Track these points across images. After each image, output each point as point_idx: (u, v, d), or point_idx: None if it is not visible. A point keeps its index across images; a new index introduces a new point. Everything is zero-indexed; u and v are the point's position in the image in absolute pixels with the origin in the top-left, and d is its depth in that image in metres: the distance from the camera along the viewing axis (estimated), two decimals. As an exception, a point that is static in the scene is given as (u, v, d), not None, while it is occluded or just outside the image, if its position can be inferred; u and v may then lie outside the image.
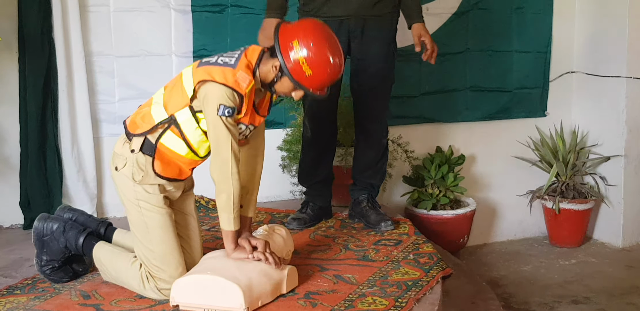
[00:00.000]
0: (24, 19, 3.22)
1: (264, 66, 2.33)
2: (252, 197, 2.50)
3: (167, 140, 2.34)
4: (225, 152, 2.26)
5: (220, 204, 2.31)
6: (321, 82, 2.33)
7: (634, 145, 4.19)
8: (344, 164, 3.50)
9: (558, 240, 4.31)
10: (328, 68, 2.30)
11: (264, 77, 2.35)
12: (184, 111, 2.30)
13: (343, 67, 2.37)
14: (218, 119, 2.23)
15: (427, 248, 2.91)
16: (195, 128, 2.31)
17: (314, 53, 2.26)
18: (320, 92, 2.36)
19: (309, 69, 2.27)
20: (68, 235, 2.49)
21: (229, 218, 2.31)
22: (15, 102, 3.28)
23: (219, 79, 2.23)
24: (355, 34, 3.01)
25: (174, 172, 2.39)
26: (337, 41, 2.36)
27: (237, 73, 2.25)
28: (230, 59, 2.29)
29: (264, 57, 2.34)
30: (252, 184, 2.50)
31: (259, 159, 2.53)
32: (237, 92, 2.24)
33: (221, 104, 2.22)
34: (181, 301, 2.26)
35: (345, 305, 2.30)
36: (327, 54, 2.29)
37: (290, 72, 2.27)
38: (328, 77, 2.33)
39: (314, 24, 2.36)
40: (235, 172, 2.28)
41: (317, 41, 2.28)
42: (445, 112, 4.14)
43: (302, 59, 2.26)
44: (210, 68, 2.27)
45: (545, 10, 4.27)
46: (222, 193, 2.29)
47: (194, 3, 3.50)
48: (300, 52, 2.26)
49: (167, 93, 2.37)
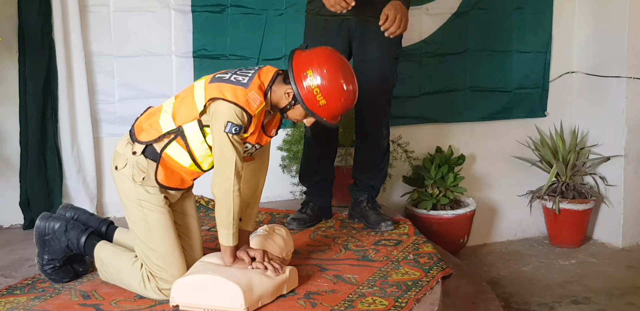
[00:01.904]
0: (24, 19, 3.22)
1: (277, 90, 2.33)
2: (252, 211, 2.50)
3: (172, 151, 2.34)
4: (228, 169, 2.26)
5: (220, 220, 2.31)
6: (335, 111, 2.35)
7: (634, 145, 4.19)
8: (344, 164, 3.50)
9: (558, 240, 4.31)
10: (342, 98, 2.32)
11: (276, 101, 2.35)
12: (192, 124, 2.31)
13: (357, 95, 2.38)
14: (224, 136, 2.23)
15: (427, 248, 2.91)
16: (201, 142, 2.32)
17: (328, 82, 2.28)
18: (333, 121, 2.38)
19: (322, 99, 2.29)
20: (70, 235, 2.49)
21: (227, 233, 2.32)
22: (15, 102, 3.27)
23: (230, 97, 2.24)
24: (355, 34, 3.01)
25: (176, 182, 2.40)
26: (351, 69, 2.38)
27: (249, 93, 2.26)
28: (243, 78, 2.29)
29: (277, 80, 2.34)
30: (254, 198, 2.50)
31: (262, 174, 2.53)
32: (247, 112, 2.25)
33: (229, 121, 2.22)
34: (181, 302, 2.26)
35: (345, 305, 2.30)
36: (341, 83, 2.30)
37: (304, 101, 2.29)
38: (342, 107, 2.34)
39: (327, 53, 2.37)
40: (237, 189, 2.28)
41: (331, 71, 2.30)
42: (445, 112, 4.14)
43: (316, 89, 2.27)
44: (222, 86, 2.27)
45: (545, 10, 4.27)
46: (222, 208, 2.30)
47: (194, 3, 3.50)
48: (314, 81, 2.28)
49: (177, 104, 2.37)
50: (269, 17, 3.59)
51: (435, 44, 3.97)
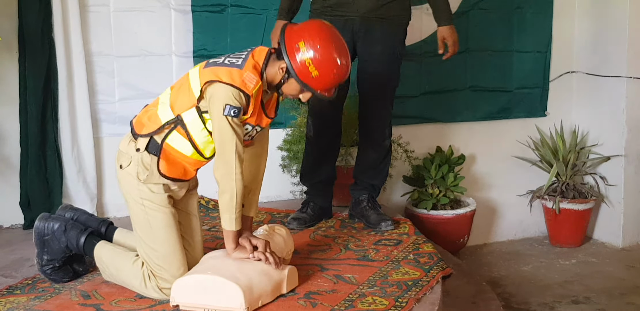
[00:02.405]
0: (24, 19, 3.22)
1: (271, 68, 2.33)
2: (254, 197, 2.50)
3: (173, 140, 2.34)
4: (229, 152, 2.26)
5: (223, 204, 2.31)
6: (328, 83, 2.33)
7: (634, 145, 4.19)
8: (344, 164, 3.50)
9: (558, 240, 4.31)
10: (334, 69, 2.31)
11: (271, 78, 2.35)
12: (191, 111, 2.30)
13: (349, 67, 2.38)
14: (224, 119, 2.23)
15: (427, 248, 2.91)
16: (201, 129, 2.32)
17: (320, 54, 2.27)
18: (327, 94, 2.37)
19: (315, 70, 2.28)
20: (69, 235, 2.49)
21: (230, 218, 2.31)
22: (15, 102, 3.27)
23: (225, 79, 2.23)
24: (359, 34, 3.01)
25: (179, 172, 2.39)
26: (344, 42, 2.37)
27: (244, 74, 2.26)
28: (237, 60, 2.29)
29: (271, 59, 2.34)
30: (255, 184, 2.50)
31: (263, 158, 2.53)
32: (244, 93, 2.25)
33: (227, 104, 2.22)
34: (181, 301, 2.26)
35: (346, 305, 2.30)
36: (333, 54, 2.29)
37: (297, 73, 2.28)
38: (335, 78, 2.33)
39: (319, 25, 2.37)
40: (239, 172, 2.27)
41: (323, 42, 2.29)
42: (445, 112, 4.14)
43: (308, 60, 2.27)
44: (217, 69, 2.27)
45: (545, 10, 4.27)
46: (225, 193, 2.29)
47: (194, 3, 3.50)
48: (307, 53, 2.27)
49: (174, 93, 2.37)
50: (269, 17, 3.59)
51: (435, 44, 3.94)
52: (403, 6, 3.06)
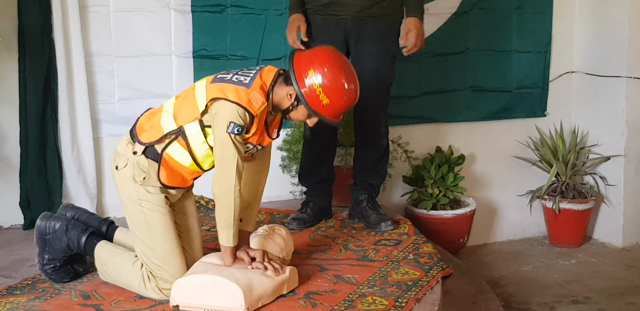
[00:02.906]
0: (24, 19, 3.22)
1: (279, 92, 2.33)
2: (252, 211, 2.50)
3: (173, 151, 2.34)
4: (229, 169, 2.26)
5: (220, 220, 2.31)
6: (338, 109, 2.35)
7: (634, 145, 4.18)
8: (344, 164, 3.50)
9: (558, 240, 4.31)
10: (345, 96, 2.32)
11: (278, 102, 2.35)
12: (194, 124, 2.31)
13: (358, 93, 2.38)
14: (226, 136, 2.23)
15: (427, 248, 2.91)
16: (202, 142, 2.32)
17: (329, 81, 2.28)
18: (335, 120, 2.38)
19: (326, 98, 2.29)
20: (70, 234, 2.49)
21: (228, 234, 2.32)
22: (15, 103, 3.27)
23: (232, 97, 2.24)
24: (351, 33, 3.01)
25: (177, 181, 2.40)
26: (352, 68, 2.38)
27: (251, 93, 2.26)
28: (245, 78, 2.30)
29: (279, 81, 2.34)
30: (254, 199, 2.50)
31: (263, 175, 2.53)
32: (249, 112, 2.25)
33: (232, 121, 2.22)
34: (181, 302, 2.26)
35: (345, 305, 2.30)
36: (342, 81, 2.31)
37: (307, 101, 2.29)
38: (344, 105, 2.35)
39: (328, 52, 2.38)
40: (238, 190, 2.28)
41: (332, 69, 2.30)
42: (445, 112, 4.14)
43: (318, 89, 2.28)
44: (224, 86, 2.27)
45: (545, 10, 4.26)
46: (223, 209, 2.30)
47: (194, 3, 3.50)
48: (316, 81, 2.28)
49: (178, 104, 2.37)
50: (269, 17, 3.59)
51: (435, 44, 3.96)
52: (395, 5, 3.04)
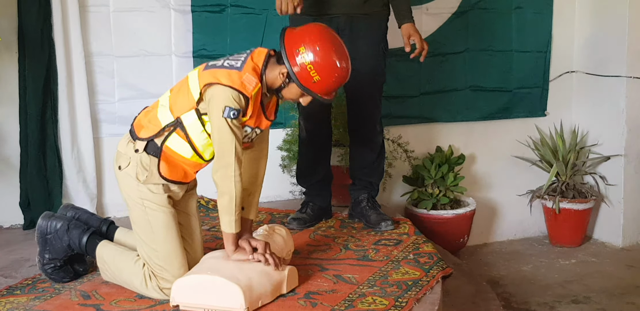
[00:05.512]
0: (24, 19, 3.22)
1: (271, 71, 2.33)
2: (254, 199, 2.49)
3: (173, 143, 2.34)
4: (228, 154, 2.26)
5: (222, 207, 2.31)
6: (329, 86, 2.34)
7: (634, 145, 4.19)
8: (343, 164, 3.50)
9: (558, 240, 4.31)
10: (335, 72, 2.31)
11: (271, 82, 2.35)
12: (190, 113, 2.31)
13: (349, 70, 2.37)
14: (223, 121, 2.23)
15: (427, 247, 2.91)
16: (200, 131, 2.32)
17: (321, 58, 2.28)
18: (327, 97, 2.37)
19: (316, 75, 2.28)
20: (71, 234, 2.49)
21: (230, 220, 2.31)
22: (15, 103, 3.28)
23: (225, 81, 2.23)
24: (344, 32, 3.01)
25: (179, 175, 2.40)
26: (343, 45, 2.37)
27: (244, 75, 2.26)
28: (236, 62, 2.29)
29: (270, 62, 2.34)
30: (255, 186, 2.50)
31: (262, 161, 2.53)
32: (243, 95, 2.25)
33: (227, 105, 2.22)
34: (181, 301, 2.26)
35: (345, 304, 2.30)
36: (334, 58, 2.30)
37: (298, 78, 2.29)
38: (336, 82, 2.34)
39: (319, 28, 2.37)
40: (238, 174, 2.27)
41: (324, 46, 2.29)
42: (445, 112, 4.14)
43: (309, 65, 2.27)
44: (216, 71, 2.27)
45: (545, 10, 4.27)
46: (224, 195, 2.29)
47: (194, 3, 3.50)
48: (307, 58, 2.27)
49: (173, 96, 2.37)
50: (269, 17, 3.59)
51: (435, 43, 3.96)
52: (383, 2, 3.06)
